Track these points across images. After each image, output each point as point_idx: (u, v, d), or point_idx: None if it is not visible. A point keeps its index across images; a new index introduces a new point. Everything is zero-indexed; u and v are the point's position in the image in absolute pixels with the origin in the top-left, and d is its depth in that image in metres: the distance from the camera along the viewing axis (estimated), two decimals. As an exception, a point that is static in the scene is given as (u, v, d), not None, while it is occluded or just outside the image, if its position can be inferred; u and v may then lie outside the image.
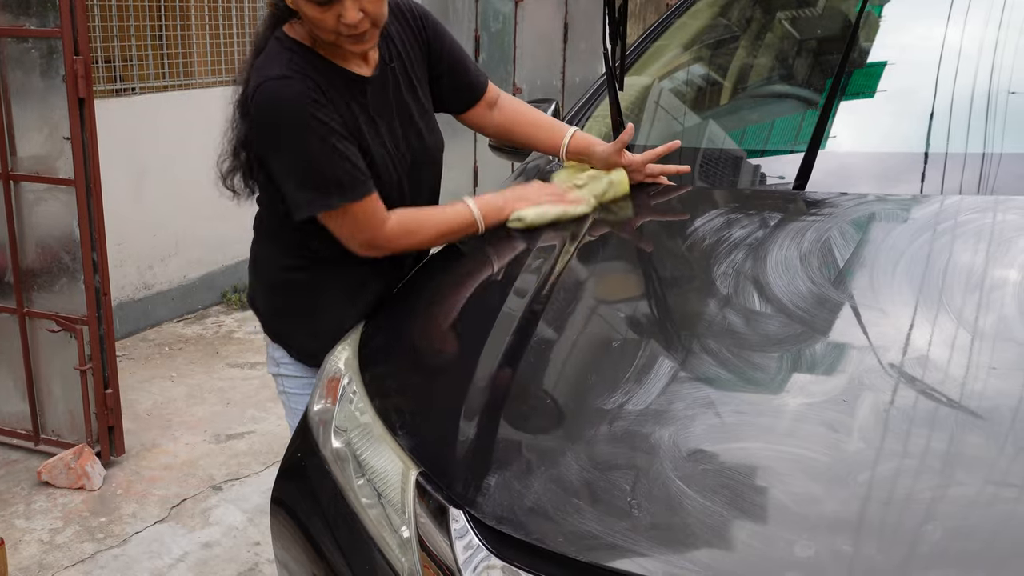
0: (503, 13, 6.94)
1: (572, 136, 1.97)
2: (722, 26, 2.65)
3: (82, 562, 2.72)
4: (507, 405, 1.40)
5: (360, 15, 1.60)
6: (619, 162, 1.93)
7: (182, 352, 4.30)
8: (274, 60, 1.67)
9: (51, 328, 3.13)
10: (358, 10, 1.59)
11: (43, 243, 3.09)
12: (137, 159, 4.31)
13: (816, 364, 1.36)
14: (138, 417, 3.62)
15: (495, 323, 1.61)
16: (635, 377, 1.36)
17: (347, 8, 1.58)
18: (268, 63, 1.68)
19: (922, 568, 1.03)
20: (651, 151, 1.95)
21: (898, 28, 2.36)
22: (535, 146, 2.05)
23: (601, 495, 1.19)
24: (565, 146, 1.97)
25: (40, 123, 3.00)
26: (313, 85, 1.65)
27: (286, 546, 1.62)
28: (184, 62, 4.62)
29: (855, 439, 1.18)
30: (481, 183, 6.93)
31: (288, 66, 1.66)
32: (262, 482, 3.16)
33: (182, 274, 4.69)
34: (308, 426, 1.68)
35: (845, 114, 2.09)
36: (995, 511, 1.08)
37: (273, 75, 1.65)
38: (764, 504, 1.13)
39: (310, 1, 1.58)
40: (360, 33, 1.62)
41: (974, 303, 1.40)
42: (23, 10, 2.91)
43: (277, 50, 1.69)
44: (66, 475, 3.08)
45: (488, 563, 1.21)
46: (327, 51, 1.71)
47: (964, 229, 1.62)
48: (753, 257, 1.59)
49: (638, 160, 1.94)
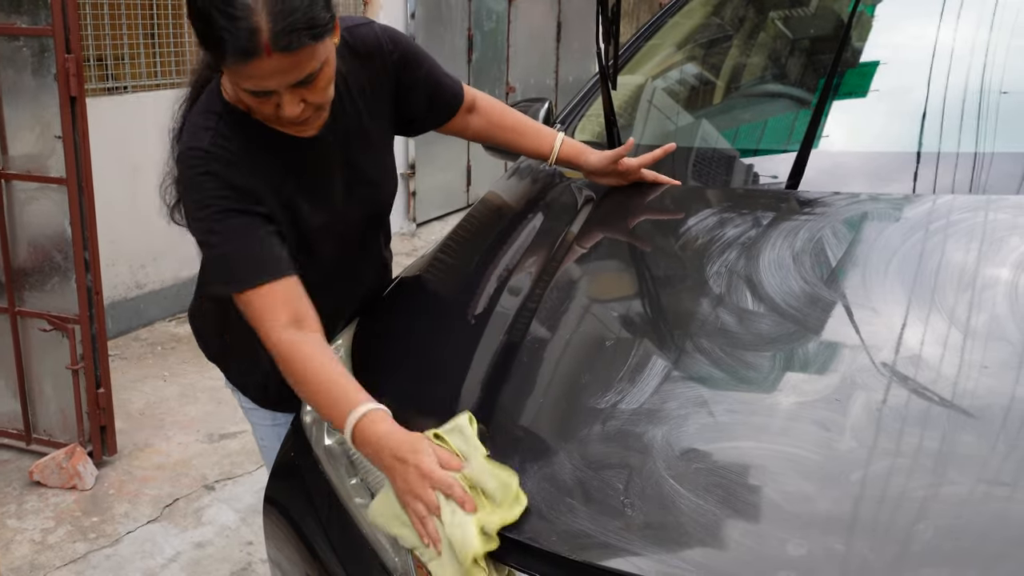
0: (496, 12, 6.93)
1: (562, 143, 1.88)
2: (715, 25, 2.66)
3: (74, 562, 2.71)
4: (500, 404, 1.40)
5: (301, 106, 1.42)
6: (615, 170, 1.88)
7: (175, 351, 4.29)
8: (198, 128, 1.51)
9: (43, 327, 3.12)
10: (299, 102, 1.42)
11: (35, 242, 3.08)
12: (129, 157, 4.29)
13: (809, 363, 1.36)
14: (130, 417, 3.61)
15: (488, 322, 1.61)
16: (628, 376, 1.36)
17: (286, 103, 1.41)
18: (193, 130, 1.52)
19: (914, 567, 1.04)
20: (647, 155, 1.90)
21: (891, 28, 2.36)
22: (519, 151, 1.96)
23: (594, 494, 1.19)
24: (555, 155, 1.89)
25: (32, 122, 2.98)
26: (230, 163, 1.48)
27: (279, 546, 1.61)
28: (176, 60, 4.61)
29: (847, 438, 1.19)
30: (474, 182, 6.92)
31: (211, 138, 1.49)
32: (255, 481, 3.15)
33: (175, 273, 4.68)
34: (301, 425, 1.68)
35: (838, 113, 2.09)
36: (987, 510, 1.08)
37: (192, 145, 1.49)
38: (757, 503, 1.13)
39: (245, 90, 1.40)
40: (303, 121, 1.47)
41: (966, 302, 1.41)
42: (14, 8, 2.90)
43: (205, 114, 1.52)
44: (58, 475, 3.07)
45: (481, 562, 1.21)
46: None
47: (956, 228, 1.62)
48: (746, 256, 1.60)
49: (634, 164, 1.88)
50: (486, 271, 1.84)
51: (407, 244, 6.04)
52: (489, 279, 1.80)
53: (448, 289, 1.84)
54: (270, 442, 1.86)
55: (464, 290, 1.82)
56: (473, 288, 1.80)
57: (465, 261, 1.95)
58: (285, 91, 1.39)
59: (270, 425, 1.87)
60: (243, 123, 1.52)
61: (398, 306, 1.83)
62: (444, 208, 6.71)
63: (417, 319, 1.77)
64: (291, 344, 1.45)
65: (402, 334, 1.74)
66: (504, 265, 1.81)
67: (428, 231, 6.37)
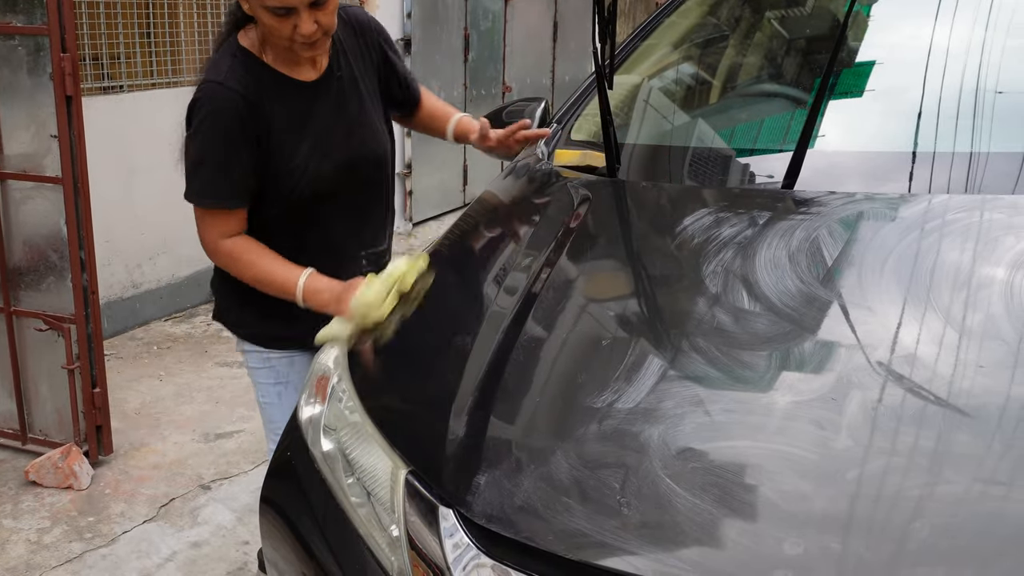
0: (493, 12, 6.93)
1: (457, 121, 2.21)
2: (711, 25, 2.66)
3: (70, 562, 2.71)
4: (497, 404, 1.40)
5: (315, 26, 1.76)
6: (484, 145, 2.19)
7: (170, 351, 4.29)
8: (217, 65, 1.86)
9: (38, 327, 3.11)
10: (313, 21, 1.75)
11: (30, 241, 3.07)
12: (125, 157, 4.29)
13: (805, 362, 1.36)
14: (126, 416, 3.61)
15: (485, 321, 1.61)
16: (624, 376, 1.36)
17: (303, 20, 1.74)
18: (211, 67, 1.86)
19: (910, 565, 1.04)
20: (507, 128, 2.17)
21: (886, 28, 2.37)
22: (435, 135, 2.27)
23: (591, 493, 1.19)
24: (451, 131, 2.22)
25: (27, 121, 2.98)
26: (240, 96, 1.82)
27: (275, 545, 1.61)
28: (172, 60, 4.60)
29: (844, 437, 1.19)
30: (470, 182, 6.93)
31: (227, 72, 1.83)
32: (251, 481, 3.15)
33: (171, 272, 4.67)
34: (297, 425, 1.68)
35: (834, 113, 2.09)
36: (983, 509, 1.08)
37: (211, 79, 1.83)
38: (753, 502, 1.13)
39: (268, 11, 1.74)
40: (313, 42, 1.79)
41: (962, 302, 1.41)
42: (10, 7, 2.90)
43: (224, 56, 1.86)
44: (54, 474, 3.07)
45: (478, 562, 1.21)
46: (275, 58, 1.88)
47: (952, 228, 1.63)
48: (742, 256, 1.60)
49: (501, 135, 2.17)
50: (482, 270, 1.84)
51: (403, 243, 6.04)
52: (485, 278, 1.80)
53: (444, 288, 1.84)
54: (270, 398, 2.13)
55: (460, 289, 1.82)
56: (469, 287, 1.80)
57: (461, 261, 1.95)
58: (303, 10, 1.73)
59: (266, 368, 2.11)
60: (255, 65, 1.86)
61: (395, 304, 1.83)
62: (441, 207, 6.71)
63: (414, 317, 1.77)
64: (237, 245, 1.88)
65: (399, 332, 1.74)
66: (500, 264, 1.81)
67: (425, 230, 6.37)
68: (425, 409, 1.48)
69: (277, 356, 2.09)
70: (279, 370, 2.10)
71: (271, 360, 2.10)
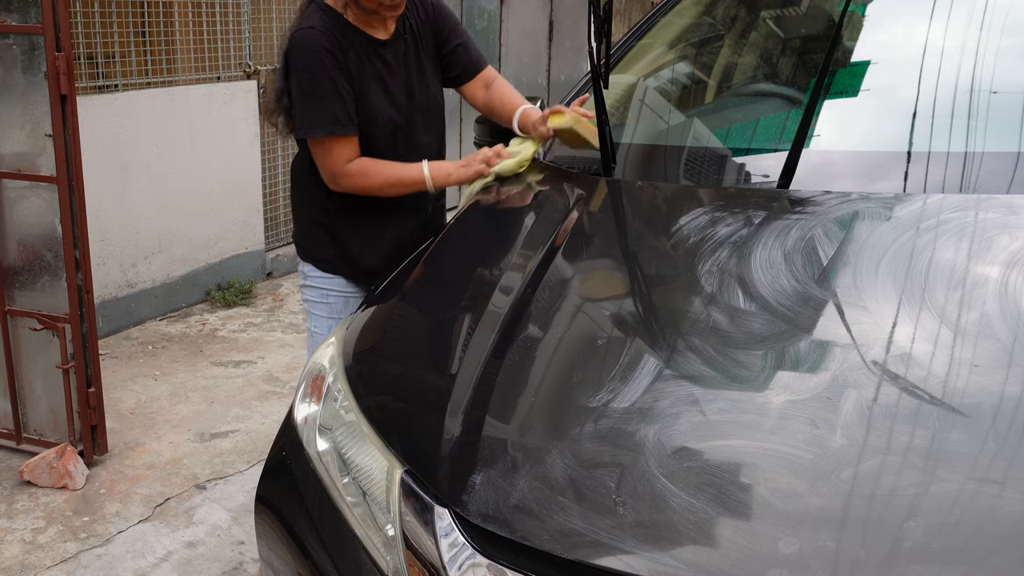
0: (488, 11, 6.93)
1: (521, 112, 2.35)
2: (707, 24, 2.66)
3: (65, 562, 2.70)
4: (492, 403, 1.40)
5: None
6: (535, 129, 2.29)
7: (165, 351, 4.28)
8: (308, 18, 2.17)
9: (33, 326, 3.10)
10: None
11: (25, 241, 3.07)
12: (120, 156, 4.28)
13: (800, 362, 1.36)
14: (121, 416, 3.60)
15: (480, 321, 1.61)
16: (620, 375, 1.36)
17: None
18: (302, 19, 2.17)
19: (905, 564, 1.04)
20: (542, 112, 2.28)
21: (882, 27, 2.37)
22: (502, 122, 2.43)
23: (586, 493, 1.19)
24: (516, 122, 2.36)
25: (22, 120, 2.97)
26: (332, 38, 2.12)
27: (271, 545, 1.61)
28: (167, 59, 4.60)
29: (838, 436, 1.19)
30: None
31: (317, 22, 2.14)
32: (246, 481, 3.15)
33: (166, 272, 4.67)
34: (293, 424, 1.68)
35: (829, 113, 2.10)
36: (977, 507, 1.09)
37: (304, 26, 2.14)
38: (748, 501, 1.13)
39: None
40: (395, 4, 2.13)
41: (956, 301, 1.41)
42: (4, 6, 2.89)
43: (312, 11, 2.18)
44: (48, 474, 3.06)
45: (473, 561, 1.21)
46: (354, 17, 2.18)
47: (946, 227, 1.63)
48: (738, 255, 1.60)
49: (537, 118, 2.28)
50: (478, 269, 1.84)
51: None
52: (481, 277, 1.80)
53: (440, 287, 1.84)
54: (321, 329, 2.41)
55: (456, 288, 1.82)
56: (465, 286, 1.80)
57: (456, 260, 1.95)
58: None
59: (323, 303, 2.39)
60: (339, 20, 2.18)
61: (390, 303, 1.83)
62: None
63: (410, 316, 1.77)
64: (361, 164, 2.19)
65: (394, 331, 1.74)
66: (495, 263, 1.81)
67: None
68: (421, 409, 1.48)
69: (336, 293, 2.38)
70: (335, 306, 2.39)
71: (329, 296, 2.38)
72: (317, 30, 2.12)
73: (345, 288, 2.39)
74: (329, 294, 2.39)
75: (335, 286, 2.38)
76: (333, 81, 2.12)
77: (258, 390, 3.87)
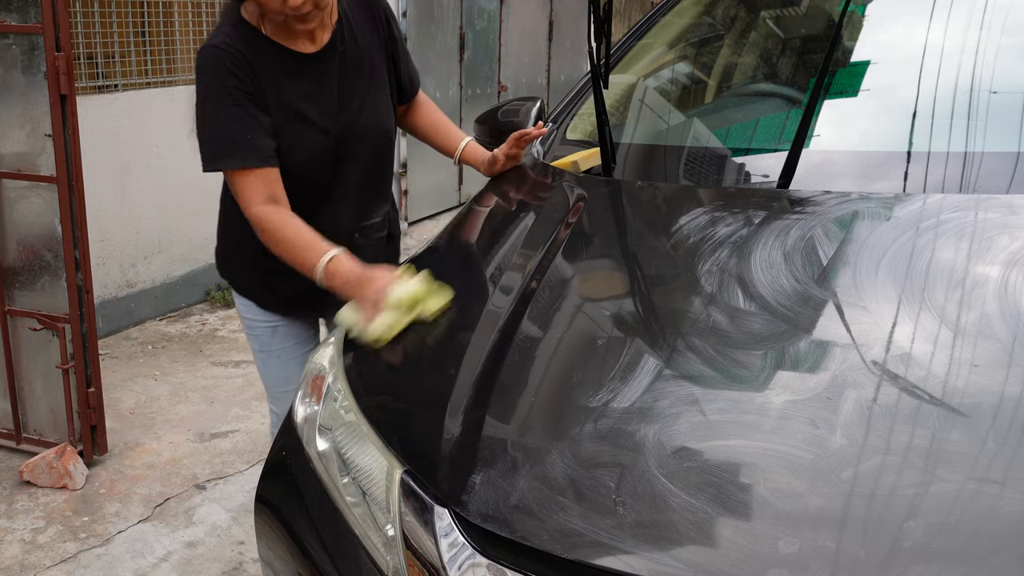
0: (488, 11, 6.93)
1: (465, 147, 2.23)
2: (707, 25, 2.66)
3: (64, 562, 2.70)
4: (492, 403, 1.40)
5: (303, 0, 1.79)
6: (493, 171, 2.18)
7: (165, 350, 4.28)
8: (217, 33, 1.91)
9: (33, 326, 3.10)
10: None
11: (25, 241, 3.07)
12: (120, 156, 4.28)
13: (800, 361, 1.36)
14: (121, 416, 3.60)
15: (480, 321, 1.61)
16: (620, 375, 1.36)
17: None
18: (213, 34, 1.92)
19: (905, 564, 1.04)
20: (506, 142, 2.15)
21: (881, 27, 2.37)
22: (437, 149, 2.29)
23: (586, 493, 1.19)
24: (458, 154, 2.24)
25: (22, 120, 2.97)
26: (239, 57, 1.86)
27: (271, 545, 1.61)
28: (167, 59, 4.60)
29: (838, 436, 1.19)
30: (466, 182, 6.93)
31: (224, 38, 1.88)
32: (246, 481, 3.15)
33: (165, 272, 4.67)
34: (293, 424, 1.68)
35: (829, 113, 2.10)
36: (977, 507, 1.09)
37: (208, 43, 1.89)
38: (748, 501, 1.13)
39: None
40: (303, 14, 1.82)
41: (956, 301, 1.41)
42: (4, 6, 2.89)
43: (223, 25, 1.93)
44: (48, 474, 3.06)
45: (473, 561, 1.21)
46: (273, 30, 1.92)
47: (946, 227, 1.63)
48: (737, 255, 1.60)
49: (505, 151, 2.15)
50: (477, 270, 1.84)
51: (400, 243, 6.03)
52: (480, 278, 1.80)
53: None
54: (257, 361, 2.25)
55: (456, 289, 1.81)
56: (465, 286, 1.79)
57: (456, 260, 1.95)
58: None
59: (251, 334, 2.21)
60: (254, 35, 1.91)
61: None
62: (436, 207, 6.71)
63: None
64: (267, 214, 1.87)
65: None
66: (496, 264, 1.81)
67: (420, 230, 6.37)
68: (421, 408, 1.48)
69: (261, 324, 2.18)
70: (262, 339, 2.21)
71: (255, 328, 2.20)
72: (221, 49, 1.85)
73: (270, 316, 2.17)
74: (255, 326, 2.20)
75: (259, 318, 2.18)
76: (238, 107, 1.85)
77: (258, 390, 3.87)
